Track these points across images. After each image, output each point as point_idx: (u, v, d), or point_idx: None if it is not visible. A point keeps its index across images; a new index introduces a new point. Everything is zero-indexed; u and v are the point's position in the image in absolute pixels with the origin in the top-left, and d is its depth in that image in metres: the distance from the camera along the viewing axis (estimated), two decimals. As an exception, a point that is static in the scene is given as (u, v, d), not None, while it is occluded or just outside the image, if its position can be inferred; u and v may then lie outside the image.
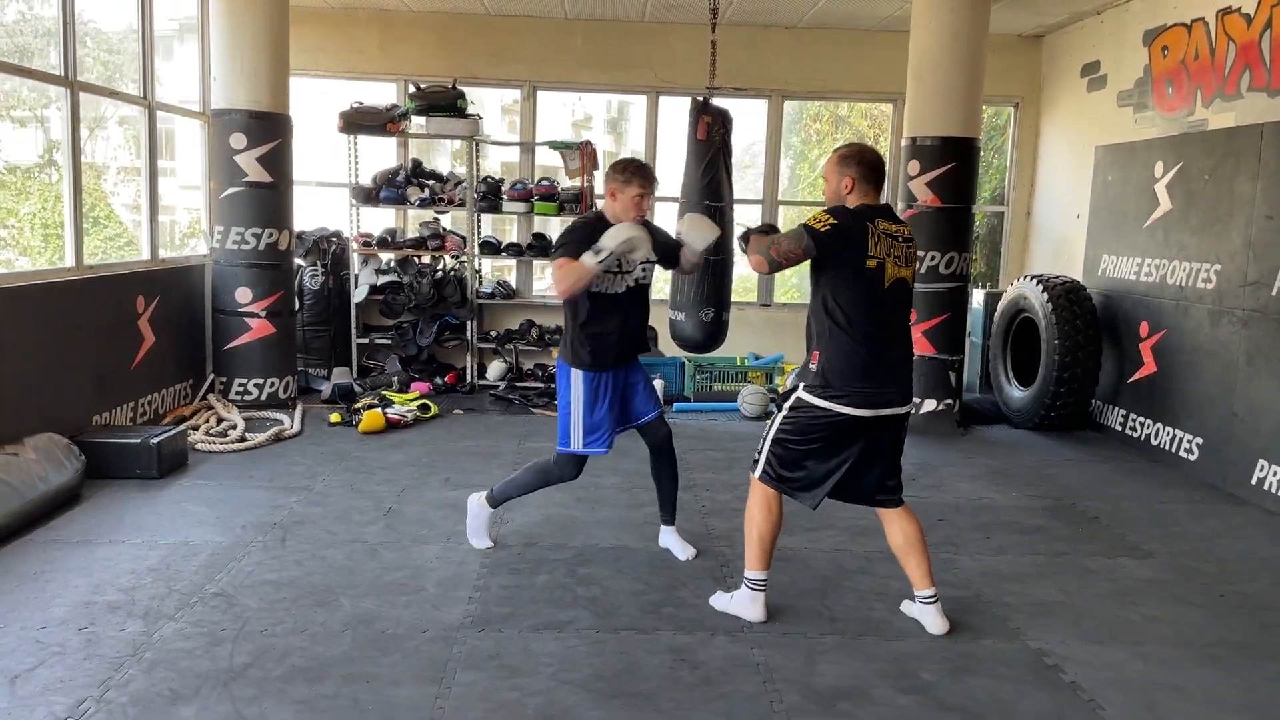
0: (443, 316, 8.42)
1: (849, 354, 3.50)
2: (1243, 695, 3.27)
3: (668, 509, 4.45)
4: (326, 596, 3.82)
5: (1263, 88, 5.87)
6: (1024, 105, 8.85)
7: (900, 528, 3.73)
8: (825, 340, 3.55)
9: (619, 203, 4.03)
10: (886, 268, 3.51)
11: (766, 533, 3.70)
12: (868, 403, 3.51)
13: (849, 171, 3.57)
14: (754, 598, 3.72)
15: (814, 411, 3.55)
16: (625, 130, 10.94)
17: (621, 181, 4.01)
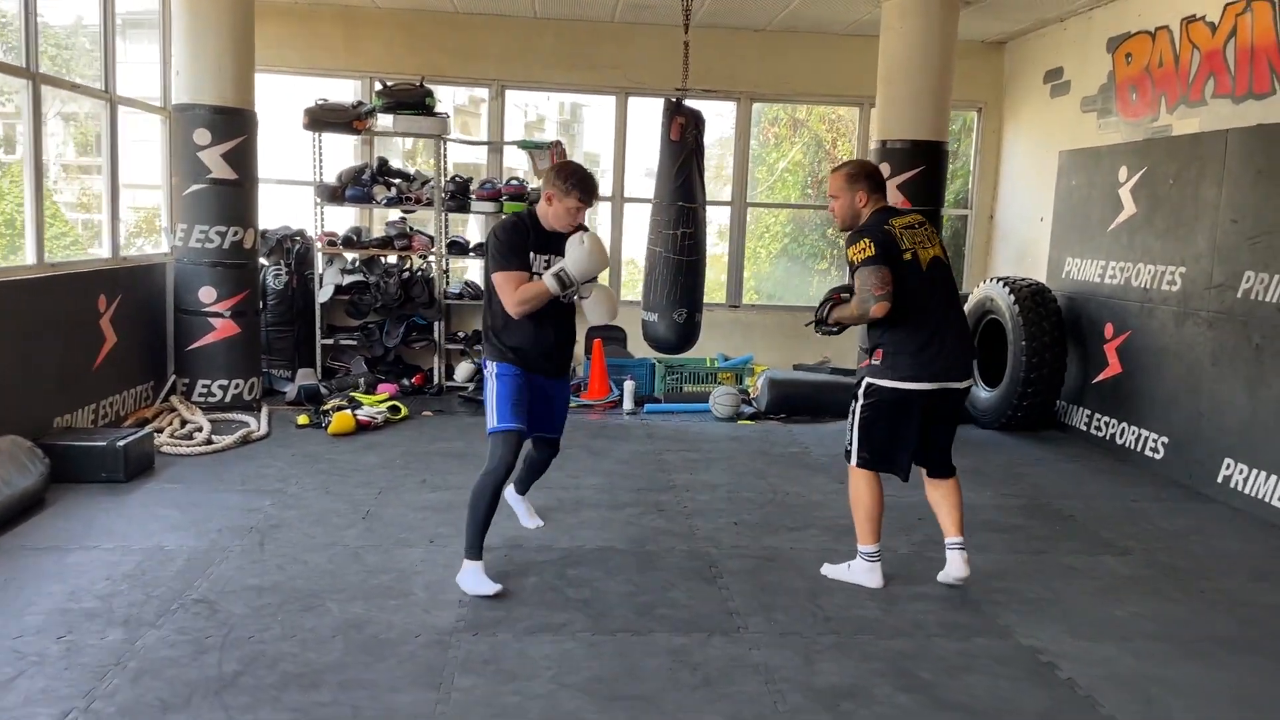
0: (410, 317, 8.31)
1: (907, 339, 3.89)
2: (1232, 689, 3.32)
3: (525, 484, 4.64)
4: (313, 601, 3.73)
5: (1227, 94, 6.01)
6: (987, 110, 8.98)
7: (945, 493, 4.17)
8: (884, 334, 3.92)
9: (554, 209, 3.89)
10: (918, 253, 3.91)
11: (874, 509, 4.08)
12: (929, 378, 3.91)
13: (860, 186, 3.99)
14: (872, 568, 4.10)
15: (883, 392, 3.96)
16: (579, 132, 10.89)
17: (562, 191, 3.87)
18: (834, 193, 4.06)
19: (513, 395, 3.93)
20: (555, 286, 3.82)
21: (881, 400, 3.98)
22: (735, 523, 4.90)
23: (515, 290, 3.83)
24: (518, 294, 3.82)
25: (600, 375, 7.99)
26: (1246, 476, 5.45)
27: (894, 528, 4.90)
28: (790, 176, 13.48)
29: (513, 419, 3.92)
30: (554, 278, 3.81)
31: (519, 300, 3.82)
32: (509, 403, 3.92)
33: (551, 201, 3.90)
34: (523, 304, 3.83)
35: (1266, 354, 5.35)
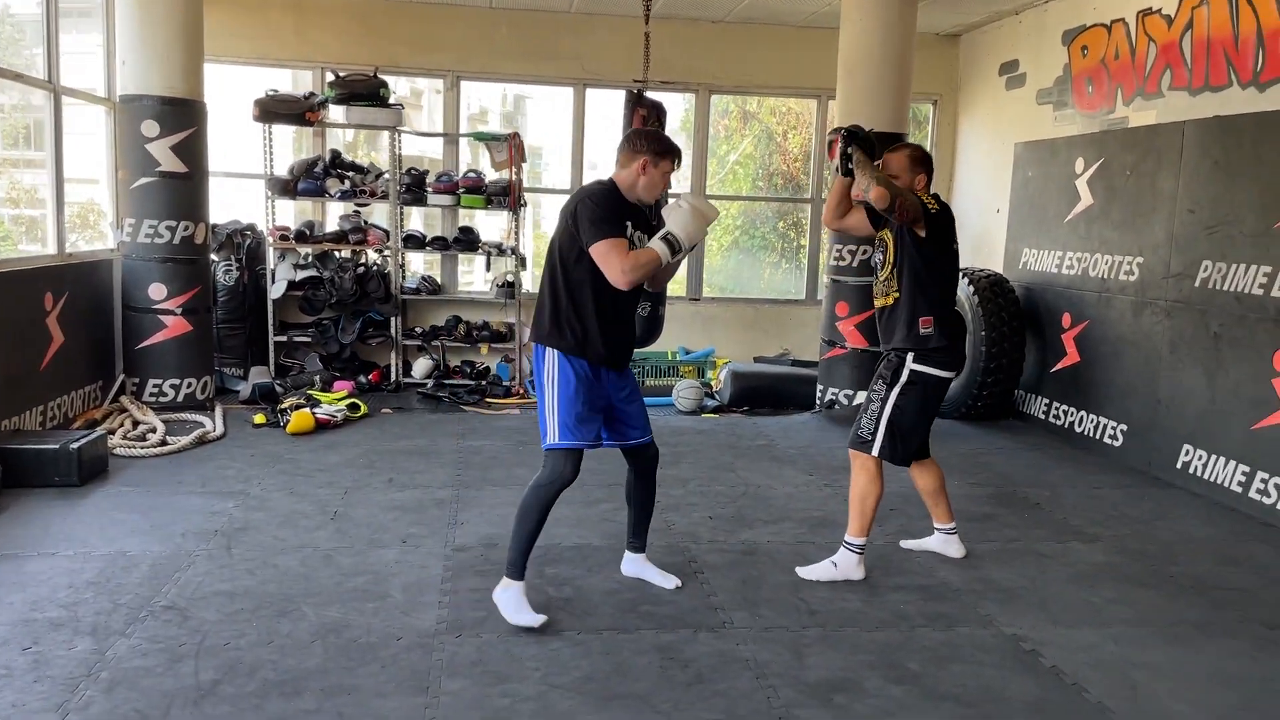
0: (366, 313, 8.16)
1: (948, 325, 4.04)
2: (1211, 671, 3.37)
3: (641, 536, 4.01)
4: (287, 606, 3.62)
5: (1184, 86, 6.11)
6: (942, 102, 9.05)
7: (933, 474, 4.33)
8: (930, 313, 3.99)
9: (649, 176, 3.53)
10: (956, 249, 4.16)
11: (876, 503, 4.09)
12: (958, 365, 4.12)
13: (921, 170, 4.07)
14: (859, 560, 4.08)
15: (929, 380, 4.03)
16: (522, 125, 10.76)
17: (656, 153, 3.53)
18: (895, 172, 4.01)
19: (578, 404, 3.54)
20: (666, 252, 3.45)
21: (923, 387, 4.02)
22: (710, 517, 4.88)
23: (624, 258, 3.38)
24: (628, 261, 3.38)
25: (562, 370, 7.90)
26: (1206, 462, 5.56)
27: (868, 519, 4.93)
28: (741, 169, 13.51)
29: (578, 434, 3.55)
30: (663, 242, 3.45)
31: (630, 268, 3.38)
32: (574, 414, 3.53)
33: (645, 169, 3.52)
34: (634, 271, 3.39)
35: (1224, 342, 5.46)
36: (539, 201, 9.45)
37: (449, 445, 6.21)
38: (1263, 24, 5.44)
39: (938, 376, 4.03)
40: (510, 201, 8.13)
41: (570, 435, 3.54)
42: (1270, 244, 5.17)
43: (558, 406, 3.55)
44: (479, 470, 5.61)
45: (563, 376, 3.55)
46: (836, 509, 5.07)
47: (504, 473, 5.58)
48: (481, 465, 5.73)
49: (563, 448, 3.56)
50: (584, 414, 3.56)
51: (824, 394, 7.44)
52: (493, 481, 5.39)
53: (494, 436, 6.50)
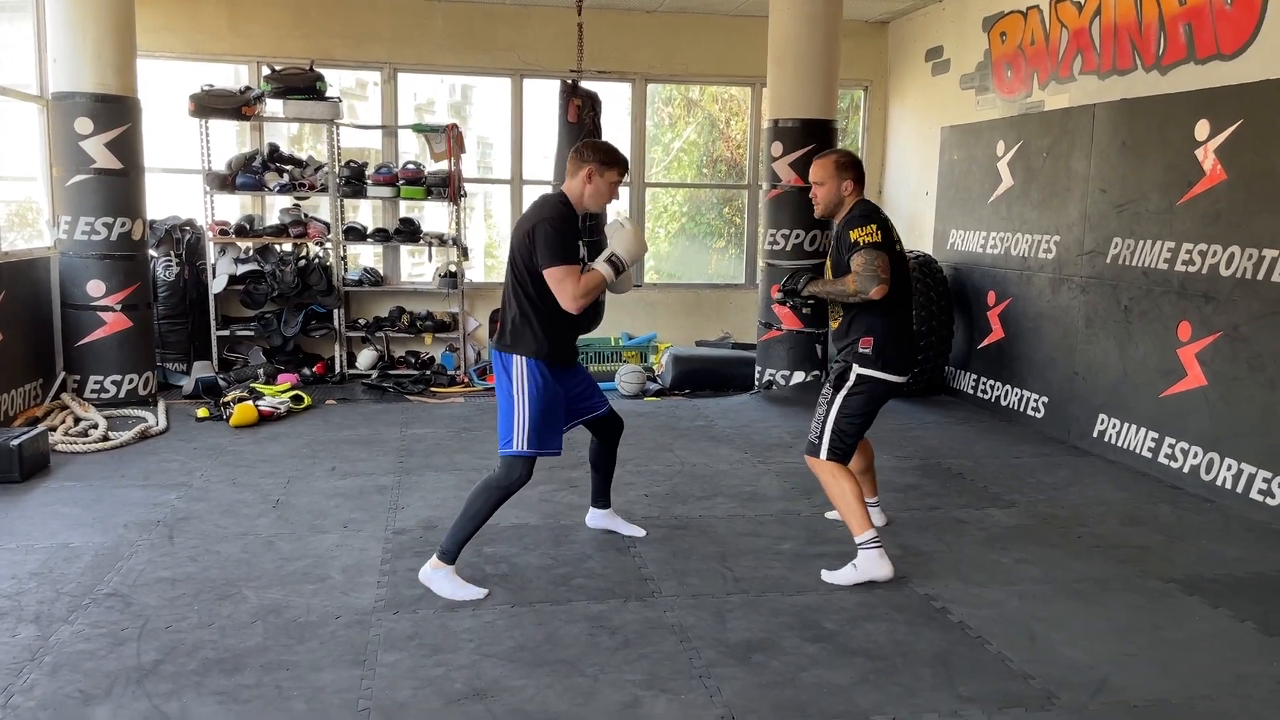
0: (309, 305, 8.21)
1: (895, 329, 3.98)
2: (1107, 623, 3.60)
3: (605, 496, 4.44)
4: (228, 590, 3.73)
5: (1094, 70, 6.36)
6: (873, 88, 9.27)
7: (864, 453, 4.46)
8: (877, 325, 3.94)
9: (594, 186, 3.70)
10: (901, 249, 4.04)
11: (859, 495, 3.97)
12: (906, 370, 4.03)
13: (848, 175, 4.00)
14: (878, 555, 3.91)
15: (874, 385, 3.98)
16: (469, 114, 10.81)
17: (602, 164, 3.70)
18: (820, 179, 4.02)
19: (548, 413, 3.73)
20: (610, 274, 3.67)
21: (868, 392, 3.98)
22: (646, 495, 5.04)
23: (577, 284, 3.58)
24: (580, 287, 3.58)
25: (505, 357, 8.02)
26: (1119, 430, 5.83)
27: (795, 491, 5.14)
28: (685, 156, 13.65)
29: (547, 444, 3.74)
30: (607, 264, 3.66)
31: (582, 293, 3.59)
32: (543, 423, 3.72)
33: (591, 179, 3.70)
34: (585, 297, 3.60)
35: (1134, 315, 5.72)
36: (489, 192, 9.52)
37: (393, 434, 6.31)
38: (1164, 10, 5.70)
39: (884, 380, 3.98)
40: (451, 192, 8.21)
41: (537, 444, 3.72)
42: (1173, 220, 5.43)
43: (527, 413, 3.70)
44: (422, 457, 5.73)
45: (532, 386, 3.71)
46: (768, 484, 5.27)
47: (446, 459, 5.70)
48: (424, 452, 5.84)
49: (528, 455, 3.73)
50: (552, 423, 3.77)
51: (762, 375, 7.64)
52: (435, 467, 5.51)
53: (437, 424, 6.61)
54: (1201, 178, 5.22)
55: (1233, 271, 5.02)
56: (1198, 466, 5.24)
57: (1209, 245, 5.18)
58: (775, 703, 2.97)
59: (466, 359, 8.44)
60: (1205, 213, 5.21)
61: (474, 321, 8.70)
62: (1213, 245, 5.16)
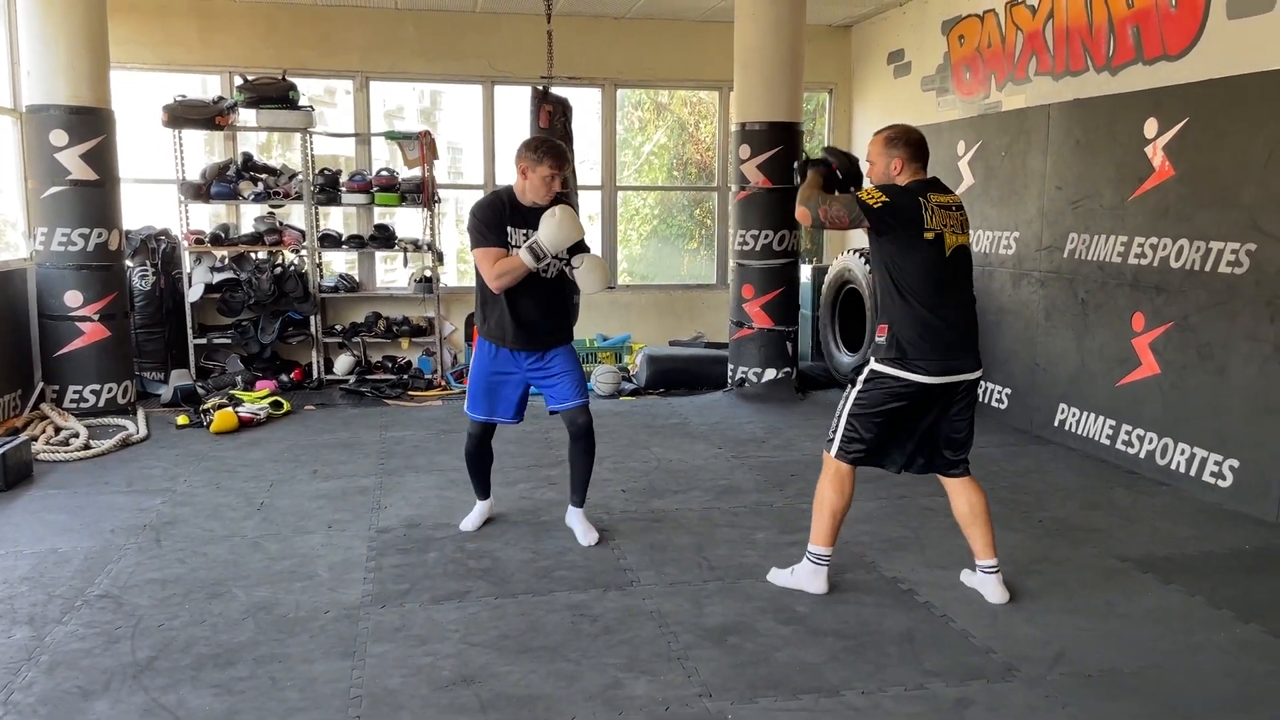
0: (285, 312, 8.28)
1: (918, 323, 3.56)
2: (1065, 600, 3.77)
3: (578, 492, 4.47)
4: (218, 589, 3.83)
5: (1048, 72, 6.57)
6: (837, 91, 9.47)
7: (966, 498, 3.79)
8: (893, 312, 3.60)
9: (529, 181, 4.02)
10: (945, 237, 3.56)
11: (839, 509, 3.76)
12: (938, 370, 3.58)
13: (896, 152, 3.64)
14: (816, 571, 3.80)
15: (888, 381, 3.60)
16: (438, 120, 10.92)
17: (533, 160, 3.99)
18: (870, 158, 3.74)
19: (479, 382, 4.29)
20: (530, 260, 3.94)
21: (886, 390, 3.62)
22: (623, 490, 5.17)
23: (493, 265, 4.00)
24: (495, 268, 3.99)
25: (481, 360, 8.13)
26: (1078, 419, 6.03)
27: (768, 484, 5.30)
28: (656, 159, 13.81)
29: (475, 408, 4.34)
30: (528, 251, 3.94)
31: (497, 274, 3.99)
32: (475, 390, 4.32)
33: (526, 175, 4.03)
34: (500, 278, 4.00)
35: (1090, 307, 5.92)
36: (462, 198, 9.63)
37: (372, 437, 6.41)
38: (1113, 13, 5.91)
39: (901, 379, 3.58)
40: (424, 198, 8.32)
41: (470, 408, 4.37)
42: (1126, 215, 5.64)
43: (470, 382, 4.38)
44: (402, 459, 5.83)
45: (475, 360, 4.33)
46: (742, 478, 5.42)
47: (426, 459, 5.81)
48: (404, 454, 5.95)
49: (469, 414, 4.40)
50: (482, 390, 4.32)
51: (734, 373, 7.80)
52: (415, 468, 5.62)
53: (416, 427, 6.71)
54: (1151, 174, 5.43)
55: (1182, 264, 5.23)
56: (1153, 451, 5.44)
57: (1159, 239, 5.39)
58: (750, 681, 3.12)
59: (443, 363, 8.54)
60: (1155, 208, 5.42)
61: (449, 325, 8.81)
62: (1163, 239, 5.36)
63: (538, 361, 4.24)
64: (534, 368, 4.25)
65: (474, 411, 4.35)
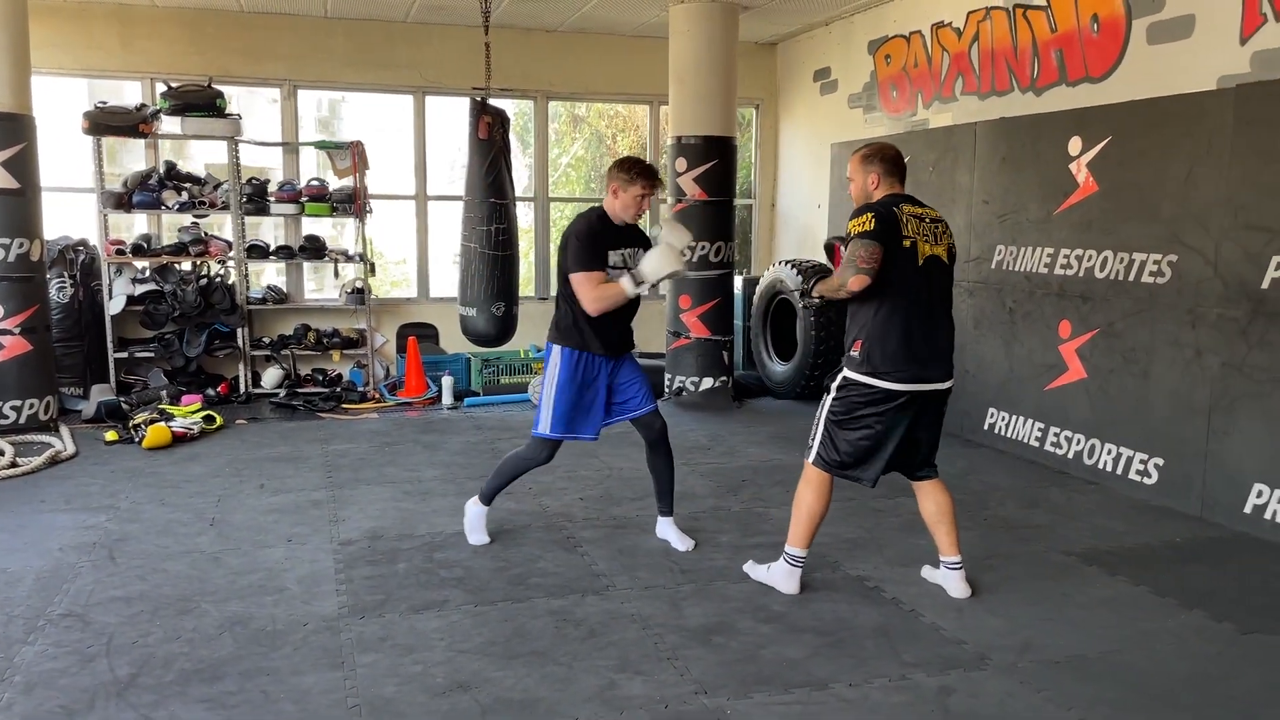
0: (211, 325, 8.07)
1: (890, 332, 3.65)
2: (1022, 593, 3.97)
3: (665, 500, 4.50)
4: (187, 605, 3.75)
5: (974, 91, 6.87)
6: (764, 107, 9.69)
7: (934, 500, 3.96)
8: (868, 325, 3.69)
9: (620, 200, 4.11)
10: (919, 245, 3.67)
11: (817, 513, 3.86)
12: (911, 378, 3.66)
13: (873, 169, 3.80)
14: (791, 572, 3.91)
15: (860, 389, 3.69)
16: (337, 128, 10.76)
17: (625, 180, 4.08)
18: (849, 175, 3.88)
19: (566, 397, 4.15)
20: (631, 288, 4.04)
21: (858, 398, 3.71)
22: (581, 498, 5.22)
23: (594, 289, 4.02)
24: (596, 292, 4.02)
25: (417, 372, 8.08)
26: (1008, 422, 6.31)
27: (722, 489, 5.41)
28: (574, 171, 13.90)
29: (563, 429, 4.19)
30: (631, 280, 4.03)
31: (597, 298, 4.02)
32: (564, 411, 4.16)
33: (617, 194, 4.11)
34: (600, 302, 4.03)
35: (1018, 315, 6.21)
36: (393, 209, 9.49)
37: (314, 450, 6.31)
38: (1037, 36, 6.23)
39: (873, 387, 3.67)
40: (356, 208, 8.23)
41: (555, 429, 4.20)
42: (1051, 229, 5.94)
43: (551, 399, 4.19)
44: (350, 472, 5.76)
45: (560, 373, 4.18)
46: (695, 483, 5.52)
47: (375, 472, 5.76)
48: (351, 467, 5.87)
49: (547, 438, 4.24)
50: (570, 410, 4.18)
51: (672, 382, 7.90)
52: (366, 481, 5.56)
53: (357, 440, 6.63)
54: (1075, 189, 5.73)
55: (1107, 274, 5.53)
56: (1081, 452, 5.73)
57: (1084, 250, 5.69)
58: (741, 677, 3.21)
59: (375, 375, 8.43)
60: (1080, 221, 5.72)
61: (381, 337, 8.71)
62: (1088, 250, 5.67)
63: (614, 368, 4.28)
64: (612, 374, 4.28)
65: (555, 430, 4.18)
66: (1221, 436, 4.87)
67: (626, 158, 4.28)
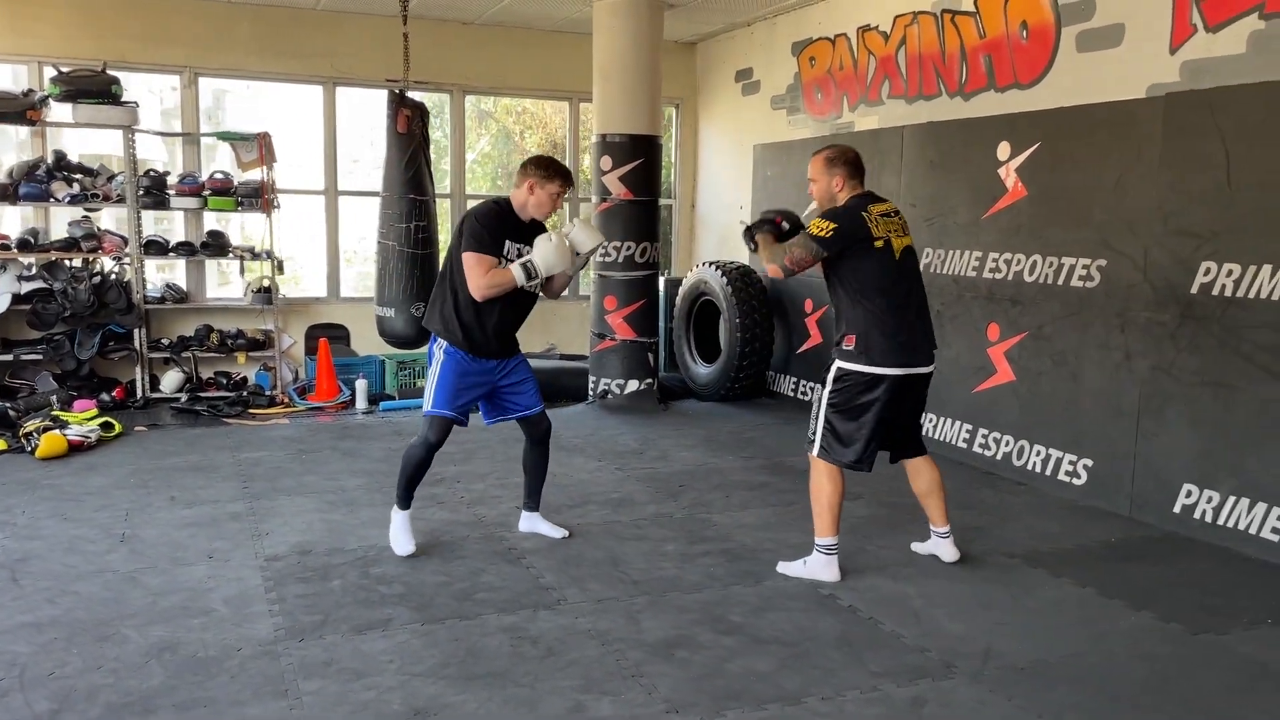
0: (106, 325, 7.59)
1: (879, 324, 3.90)
2: (974, 596, 3.96)
3: (533, 497, 4.60)
4: (105, 630, 3.45)
5: (901, 95, 6.92)
6: (684, 106, 9.63)
7: (926, 474, 4.25)
8: (858, 321, 3.93)
9: (535, 197, 4.09)
10: (892, 242, 3.94)
11: (836, 501, 4.03)
12: (900, 363, 3.93)
13: (837, 171, 4.01)
14: (829, 561, 4.06)
15: (855, 377, 3.93)
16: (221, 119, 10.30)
17: (543, 177, 4.08)
18: (812, 176, 4.09)
19: (453, 385, 4.12)
20: (522, 277, 3.99)
21: (854, 386, 3.94)
22: (516, 507, 5.01)
23: (485, 274, 3.97)
24: (486, 278, 3.97)
25: (329, 375, 7.76)
26: (935, 424, 6.36)
27: (662, 495, 5.30)
28: (480, 168, 13.63)
29: (447, 406, 4.14)
30: (521, 269, 3.98)
31: (487, 284, 3.97)
32: (448, 392, 4.13)
33: (533, 190, 4.08)
34: (489, 288, 3.98)
35: (946, 318, 6.27)
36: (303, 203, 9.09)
37: (224, 459, 5.97)
38: (965, 42, 6.30)
39: (868, 374, 3.92)
40: (263, 203, 7.85)
41: (439, 405, 4.14)
42: (980, 232, 6.01)
43: (435, 382, 4.16)
44: (266, 481, 5.46)
45: (445, 362, 4.15)
46: (633, 489, 5.40)
47: (294, 481, 5.47)
48: (267, 477, 5.57)
49: (434, 414, 4.15)
50: (455, 393, 4.15)
51: (596, 385, 7.76)
52: (285, 491, 5.27)
53: (270, 447, 6.30)
54: (1005, 194, 5.81)
55: (1036, 278, 5.62)
56: (1010, 453, 5.81)
57: (1014, 254, 5.77)
58: (712, 694, 3.10)
59: (283, 378, 8.06)
60: (1009, 225, 5.80)
61: (289, 339, 8.33)
62: (1017, 254, 5.75)
63: (501, 368, 4.27)
64: (499, 375, 4.27)
65: (444, 407, 4.12)
66: (1151, 438, 4.98)
67: (544, 156, 4.30)
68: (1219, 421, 4.65)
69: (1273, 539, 4.40)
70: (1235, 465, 4.58)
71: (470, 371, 4.17)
